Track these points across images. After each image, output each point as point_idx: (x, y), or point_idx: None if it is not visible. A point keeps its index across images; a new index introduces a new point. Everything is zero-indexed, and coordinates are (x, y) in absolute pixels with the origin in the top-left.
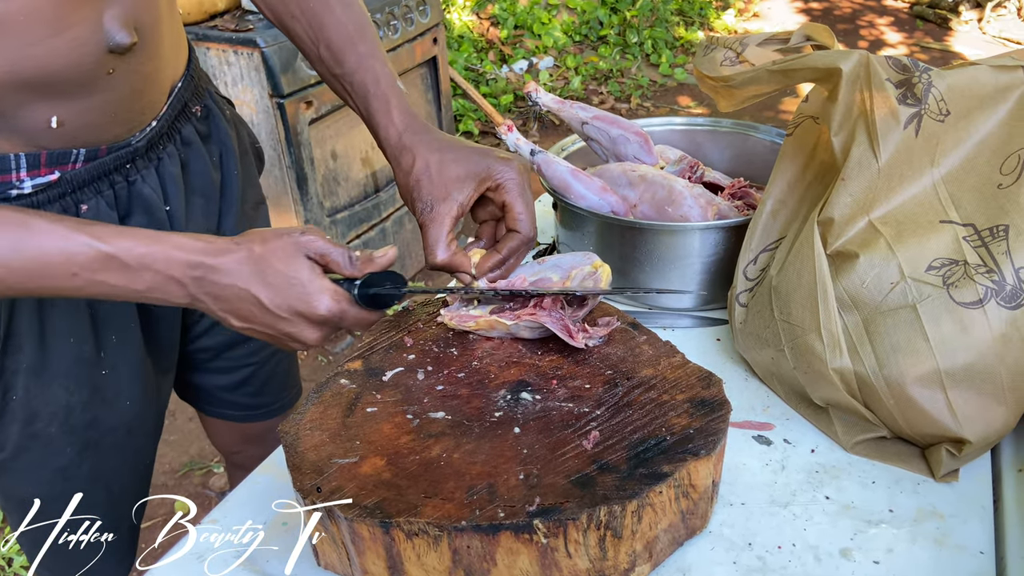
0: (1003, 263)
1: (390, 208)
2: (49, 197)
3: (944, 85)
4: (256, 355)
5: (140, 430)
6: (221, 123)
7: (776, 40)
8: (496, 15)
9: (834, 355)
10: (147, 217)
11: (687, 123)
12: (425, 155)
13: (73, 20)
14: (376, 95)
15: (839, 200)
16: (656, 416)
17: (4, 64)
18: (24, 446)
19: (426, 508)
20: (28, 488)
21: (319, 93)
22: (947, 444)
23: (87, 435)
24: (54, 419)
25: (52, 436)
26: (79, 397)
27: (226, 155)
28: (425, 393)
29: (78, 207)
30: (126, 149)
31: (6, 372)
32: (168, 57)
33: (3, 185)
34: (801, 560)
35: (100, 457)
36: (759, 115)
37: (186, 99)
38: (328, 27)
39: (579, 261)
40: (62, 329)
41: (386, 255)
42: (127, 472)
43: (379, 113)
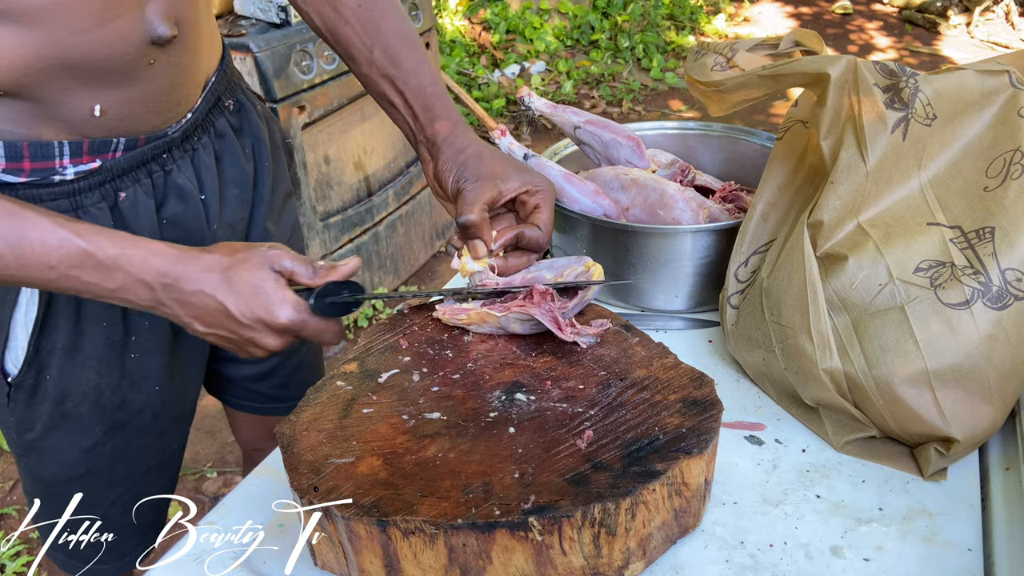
0: (989, 264)
1: (383, 212)
2: (90, 184)
3: (931, 89)
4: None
5: (166, 414)
6: (253, 117)
7: (766, 45)
8: (488, 20)
9: (824, 356)
10: (183, 205)
11: (678, 127)
12: (478, 146)
13: (118, 12)
14: (434, 94)
15: (828, 203)
16: (649, 416)
17: (53, 51)
18: (54, 425)
19: (422, 507)
20: (53, 468)
21: (312, 98)
22: (935, 443)
23: (115, 416)
24: (84, 399)
25: (82, 416)
26: (109, 380)
27: (258, 147)
28: (421, 394)
29: (117, 195)
30: (163, 139)
31: (42, 352)
32: (204, 51)
33: (47, 171)
34: (792, 558)
35: (125, 438)
36: (750, 119)
37: (219, 93)
38: (385, 32)
39: (572, 262)
40: (96, 313)
41: (348, 265)
42: (151, 455)
43: (438, 107)
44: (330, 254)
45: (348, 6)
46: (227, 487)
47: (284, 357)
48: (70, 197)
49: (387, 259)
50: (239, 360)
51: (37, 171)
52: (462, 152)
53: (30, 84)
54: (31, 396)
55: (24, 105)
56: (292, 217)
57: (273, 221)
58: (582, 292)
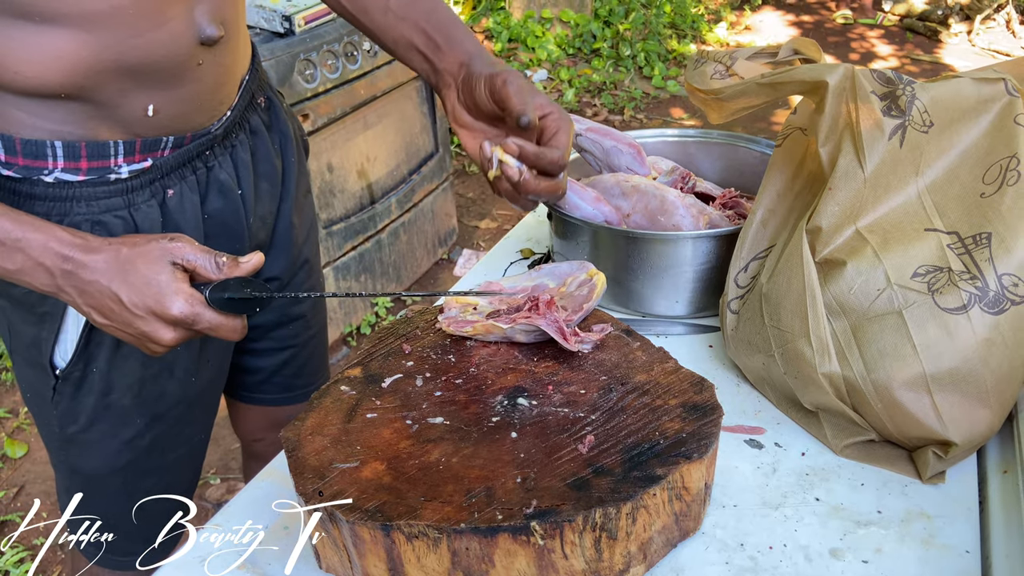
0: (986, 270)
1: (385, 220)
2: (142, 183)
3: (927, 97)
4: (299, 336)
5: (199, 404)
6: (281, 114)
7: (764, 54)
8: (490, 28)
9: (823, 360)
10: (223, 199)
11: (679, 135)
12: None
13: (171, 15)
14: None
15: (827, 209)
16: (650, 420)
17: (111, 54)
18: (98, 417)
19: (426, 511)
20: (94, 461)
21: (315, 106)
22: (934, 446)
23: (155, 407)
24: (128, 391)
25: (126, 408)
26: (151, 370)
27: (286, 144)
28: (424, 399)
29: (165, 192)
30: (206, 137)
31: (91, 344)
32: (241, 51)
33: (103, 170)
34: (792, 560)
35: (162, 429)
36: (751, 127)
37: (253, 90)
38: None
39: (574, 269)
40: None
41: (251, 261)
42: (182, 443)
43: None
44: (333, 262)
45: None
46: (230, 493)
47: (300, 347)
48: (123, 195)
49: (390, 266)
50: (256, 352)
51: (94, 170)
52: (495, 64)
53: (89, 87)
54: (77, 389)
55: (83, 107)
56: (311, 212)
57: (297, 215)
58: (587, 302)
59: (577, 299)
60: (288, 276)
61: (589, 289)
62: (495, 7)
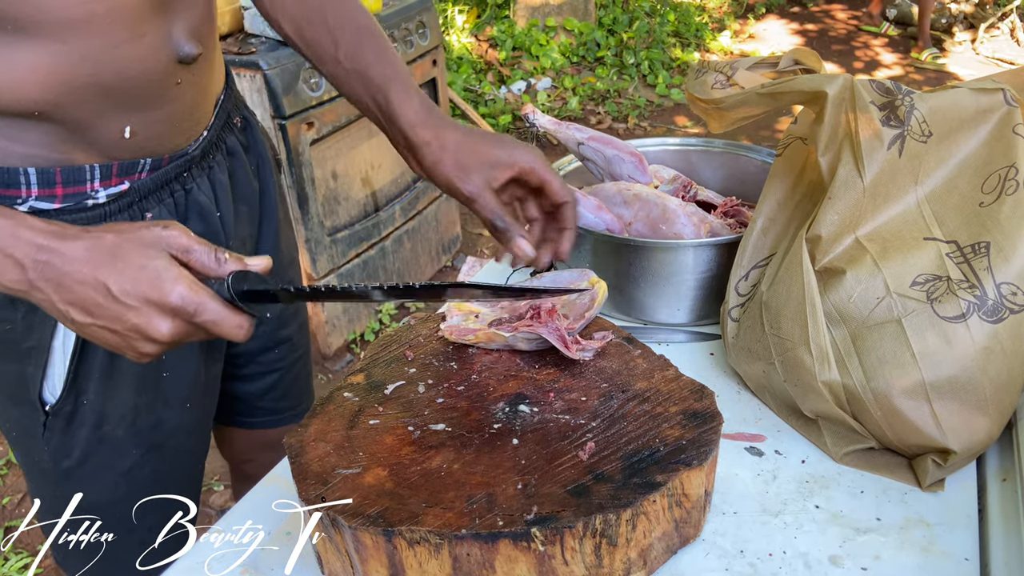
0: (985, 279)
1: (390, 227)
2: (120, 207)
3: (926, 107)
4: (286, 359)
5: (196, 432)
6: (257, 134)
7: (765, 64)
8: (494, 37)
9: (823, 368)
10: (202, 223)
11: (681, 143)
12: (452, 134)
13: (147, 28)
14: (396, 84)
15: (826, 218)
16: (650, 428)
17: (89, 67)
18: (92, 450)
19: (427, 517)
20: (92, 495)
21: (320, 114)
22: (933, 454)
23: (152, 437)
24: (122, 421)
25: (120, 439)
26: (145, 399)
27: (263, 165)
28: (426, 406)
29: (144, 215)
30: (184, 158)
31: (80, 376)
32: (216, 69)
33: (80, 196)
34: (792, 567)
35: (161, 459)
36: (755, 136)
37: (228, 110)
38: (347, 28)
39: (576, 277)
40: None
41: (260, 264)
42: (182, 475)
43: (400, 100)
44: (337, 269)
45: (313, 7)
46: (233, 500)
47: (285, 371)
48: (102, 221)
49: (394, 274)
50: (241, 377)
51: (70, 196)
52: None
53: (65, 104)
54: (68, 423)
55: (57, 129)
56: (292, 236)
57: (282, 239)
58: (589, 311)
59: (579, 307)
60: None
61: (590, 297)
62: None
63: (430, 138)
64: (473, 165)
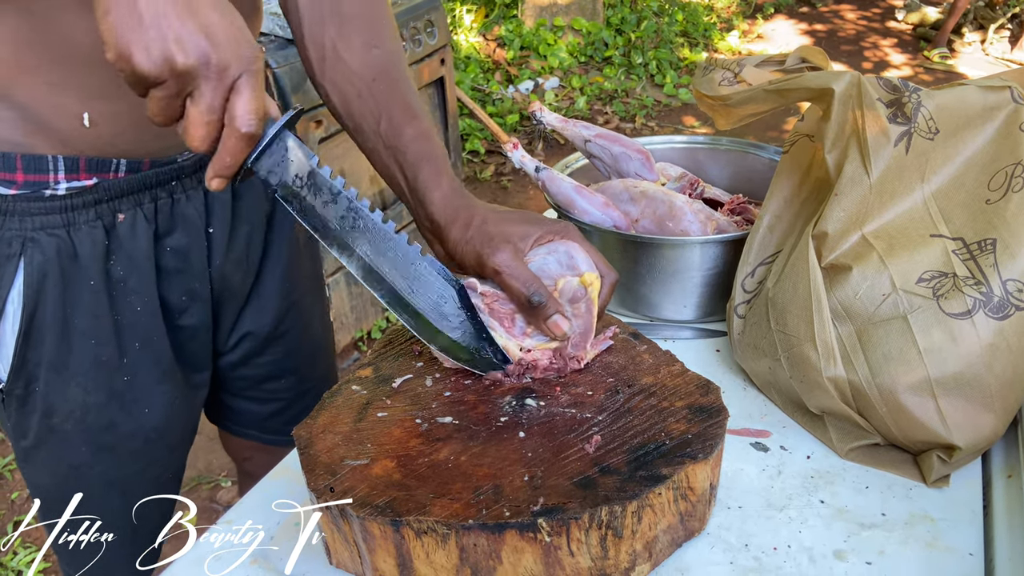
0: (991, 275)
1: (397, 225)
2: (84, 202)
3: (933, 104)
4: (293, 390)
5: (161, 441)
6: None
7: (773, 62)
8: (502, 36)
9: (828, 364)
10: (186, 236)
11: (688, 141)
12: (483, 210)
13: None
14: (428, 165)
15: (833, 215)
16: (656, 422)
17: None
18: (43, 438)
19: (435, 507)
20: (45, 480)
21: (328, 113)
22: (938, 450)
23: (103, 438)
24: (70, 417)
25: (68, 433)
26: (95, 399)
27: None
28: (433, 399)
29: (115, 215)
30: (171, 166)
31: (29, 363)
32: None
33: (39, 184)
34: (796, 561)
35: (115, 462)
36: (763, 134)
37: None
38: (395, 106)
39: (564, 269)
40: (84, 329)
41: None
42: (145, 482)
43: (429, 179)
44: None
45: (364, 80)
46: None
47: (293, 400)
48: (62, 213)
49: None
50: (247, 398)
51: (29, 184)
52: (468, 227)
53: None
54: (22, 405)
55: (13, 110)
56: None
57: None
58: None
59: (579, 321)
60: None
61: (586, 305)
62: (507, 15)
63: (456, 216)
64: (500, 236)
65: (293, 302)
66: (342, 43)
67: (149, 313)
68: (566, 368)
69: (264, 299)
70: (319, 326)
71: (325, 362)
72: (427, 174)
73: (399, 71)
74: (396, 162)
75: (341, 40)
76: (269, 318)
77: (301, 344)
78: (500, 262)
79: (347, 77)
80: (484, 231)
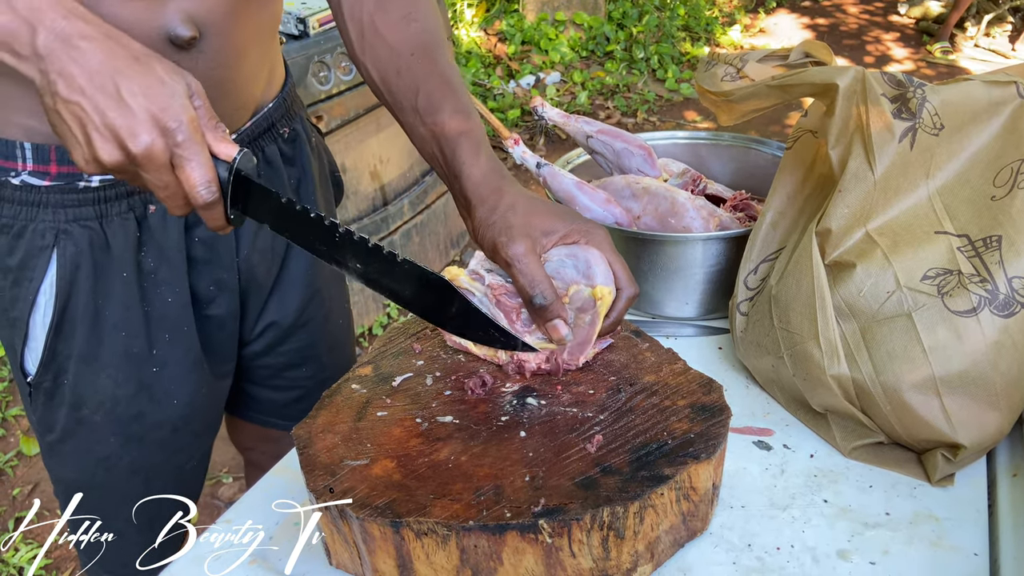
0: (996, 273)
1: (398, 221)
2: (117, 194)
3: (938, 100)
4: (314, 378)
5: (187, 429)
6: (305, 148)
7: (776, 57)
8: (503, 31)
9: (832, 362)
10: None
11: (690, 137)
12: (514, 195)
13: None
14: (466, 141)
15: (836, 211)
16: (658, 421)
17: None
18: (70, 430)
19: (435, 508)
20: (72, 473)
21: (329, 108)
22: (943, 449)
23: (132, 428)
24: (100, 408)
25: (97, 424)
26: (125, 390)
27: (304, 181)
28: (433, 398)
29: (146, 207)
30: None
31: (59, 356)
32: (251, 74)
33: (72, 176)
34: (799, 561)
35: (143, 452)
36: (765, 130)
37: (274, 119)
38: (433, 81)
39: (579, 276)
40: (115, 321)
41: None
42: (169, 470)
43: (467, 156)
44: None
45: (402, 55)
46: (243, 492)
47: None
48: (95, 205)
49: None
50: (268, 386)
51: (63, 175)
52: (495, 210)
53: None
54: (50, 399)
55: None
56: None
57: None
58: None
59: (580, 332)
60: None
61: (592, 316)
62: (509, 9)
63: (487, 196)
64: (522, 228)
65: (316, 291)
66: (380, 17)
67: (179, 304)
68: (558, 372)
69: (288, 288)
70: (340, 315)
71: (345, 351)
72: (464, 150)
73: (438, 45)
74: (434, 137)
75: (379, 13)
76: (293, 307)
77: (323, 333)
78: (513, 254)
79: (386, 53)
80: (507, 219)
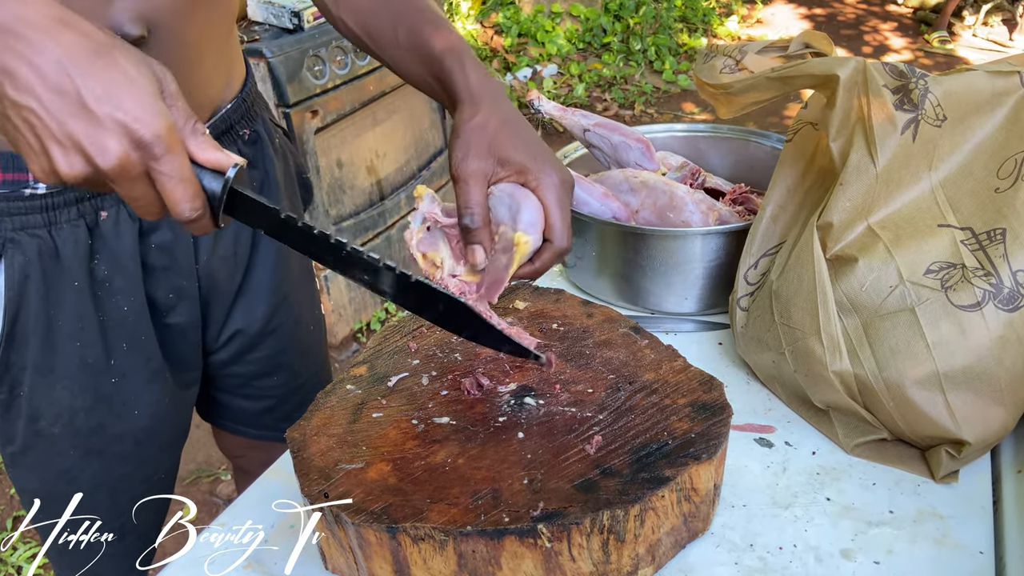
0: (1000, 266)
1: (395, 216)
2: (65, 200)
3: (940, 91)
4: (286, 386)
5: (151, 442)
6: (268, 151)
7: (775, 48)
8: (500, 23)
9: (834, 358)
10: (173, 233)
11: (689, 129)
12: (489, 114)
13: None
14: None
15: (838, 205)
16: (658, 420)
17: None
18: (29, 443)
19: (432, 513)
20: (34, 484)
21: (324, 102)
22: (947, 446)
23: (91, 441)
24: (57, 420)
25: (55, 437)
26: (83, 402)
27: (267, 184)
28: (430, 398)
29: (98, 214)
30: None
31: (13, 367)
32: (207, 74)
33: (18, 183)
34: (802, 560)
35: (105, 464)
36: (764, 121)
37: (233, 121)
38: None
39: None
40: (68, 331)
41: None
42: (136, 483)
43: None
44: None
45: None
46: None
47: (286, 396)
48: (43, 212)
49: (399, 263)
50: (238, 395)
51: (8, 183)
52: (467, 122)
53: None
54: (7, 410)
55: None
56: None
57: (285, 265)
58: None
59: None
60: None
61: (506, 262)
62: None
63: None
64: (480, 149)
65: (284, 297)
66: None
67: (136, 313)
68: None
69: (254, 295)
70: (310, 321)
71: (317, 357)
72: (450, 62)
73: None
74: (420, 59)
75: None
76: (260, 314)
77: (293, 340)
78: (461, 173)
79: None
80: (471, 136)
